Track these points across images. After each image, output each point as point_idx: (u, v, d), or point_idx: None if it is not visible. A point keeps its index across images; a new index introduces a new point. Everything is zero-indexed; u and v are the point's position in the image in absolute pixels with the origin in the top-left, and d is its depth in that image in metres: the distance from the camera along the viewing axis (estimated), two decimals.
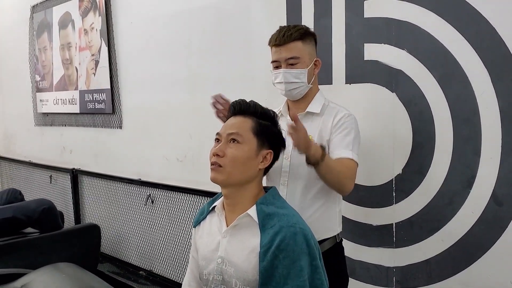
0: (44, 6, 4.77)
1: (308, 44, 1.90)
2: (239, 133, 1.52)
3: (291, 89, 1.89)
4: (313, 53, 1.92)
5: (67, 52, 4.48)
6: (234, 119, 1.57)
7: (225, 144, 1.52)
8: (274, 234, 1.43)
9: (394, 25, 2.14)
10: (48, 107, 4.85)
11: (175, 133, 3.39)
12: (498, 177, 1.89)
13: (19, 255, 3.23)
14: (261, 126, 1.55)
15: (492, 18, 1.87)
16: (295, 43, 1.85)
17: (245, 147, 1.51)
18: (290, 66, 1.86)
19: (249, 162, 1.52)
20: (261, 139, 1.54)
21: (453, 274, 2.04)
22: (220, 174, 1.51)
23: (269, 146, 1.56)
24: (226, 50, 2.95)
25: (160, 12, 3.41)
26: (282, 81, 1.88)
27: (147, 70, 3.58)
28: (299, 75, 1.87)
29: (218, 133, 1.56)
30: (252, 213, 1.50)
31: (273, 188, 1.61)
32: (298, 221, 1.48)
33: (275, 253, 1.41)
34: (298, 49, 1.86)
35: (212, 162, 1.51)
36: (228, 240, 1.53)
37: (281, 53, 1.87)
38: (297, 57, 1.86)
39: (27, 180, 5.25)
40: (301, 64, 1.86)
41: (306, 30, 1.90)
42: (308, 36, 1.89)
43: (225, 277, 1.51)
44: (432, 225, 2.08)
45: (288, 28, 1.88)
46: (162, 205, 3.55)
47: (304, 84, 1.88)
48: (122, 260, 4.04)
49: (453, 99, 1.99)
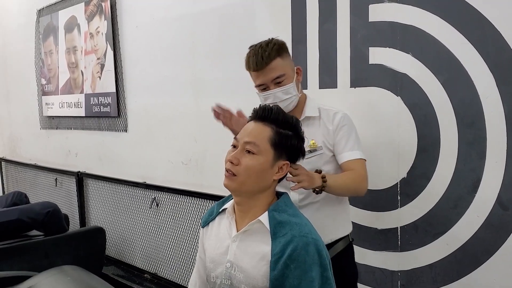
0: (50, 10, 4.80)
1: (286, 56, 1.90)
2: (256, 143, 1.47)
3: (286, 105, 1.89)
4: (292, 63, 1.93)
5: (72, 55, 4.50)
6: (254, 125, 1.51)
7: (241, 151, 1.48)
8: (286, 243, 1.41)
9: (399, 29, 2.14)
10: (54, 111, 4.88)
11: (180, 137, 3.40)
12: (503, 181, 1.89)
13: (24, 258, 3.23)
14: (280, 136, 1.49)
15: (497, 22, 1.87)
16: (275, 61, 1.85)
17: (260, 158, 1.46)
18: (278, 85, 1.86)
19: (264, 173, 1.48)
20: (279, 150, 1.49)
21: (458, 278, 2.04)
22: (233, 182, 1.48)
23: (286, 157, 1.52)
24: (231, 54, 2.96)
25: (165, 16, 3.42)
26: (275, 102, 1.86)
27: (152, 73, 3.60)
28: (289, 89, 1.88)
29: (236, 138, 1.53)
30: (263, 219, 1.48)
31: (285, 195, 1.58)
32: (310, 231, 1.46)
33: (286, 263, 1.39)
34: (280, 66, 1.86)
35: (227, 168, 1.49)
36: (238, 245, 1.51)
37: (265, 75, 1.86)
38: (282, 74, 1.86)
39: (33, 183, 5.27)
40: (288, 79, 1.87)
41: (279, 44, 1.89)
42: (283, 51, 1.89)
43: (234, 282, 1.49)
44: (437, 229, 2.08)
45: (261, 48, 1.86)
46: (167, 208, 3.55)
47: (296, 95, 1.91)
48: (127, 263, 4.05)
49: (458, 103, 1.99)
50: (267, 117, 1.50)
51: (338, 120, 1.90)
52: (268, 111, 1.51)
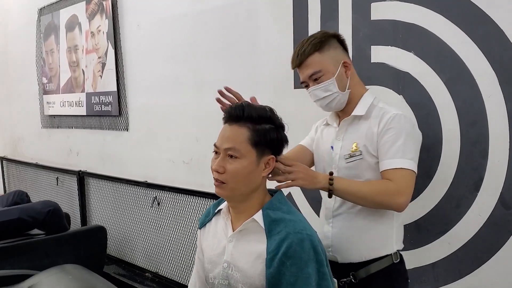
0: (51, 9, 4.80)
1: (327, 51, 1.76)
2: (236, 147, 1.44)
3: (327, 103, 1.77)
4: (338, 57, 1.77)
5: (74, 54, 4.50)
6: (230, 128, 1.48)
7: (224, 158, 1.46)
8: (281, 240, 1.41)
9: (401, 28, 2.13)
10: (55, 110, 4.88)
11: (181, 136, 3.40)
12: (505, 180, 1.88)
13: (25, 257, 3.24)
14: (259, 134, 1.46)
15: (500, 20, 1.86)
16: (312, 57, 1.74)
17: (244, 161, 1.45)
18: (315, 82, 1.75)
19: (251, 174, 1.47)
20: (260, 147, 1.46)
21: (460, 277, 2.03)
22: (224, 190, 1.48)
23: (270, 152, 1.50)
24: (233, 53, 2.96)
25: (166, 15, 3.42)
26: (315, 100, 1.78)
27: (153, 72, 3.60)
28: (327, 87, 1.74)
29: (215, 145, 1.50)
30: (258, 218, 1.48)
31: (278, 192, 1.57)
32: (305, 227, 1.45)
33: (282, 260, 1.39)
34: (317, 62, 1.74)
35: (215, 178, 1.49)
36: (234, 245, 1.52)
37: (303, 72, 1.77)
38: (318, 71, 1.73)
39: (34, 182, 5.27)
40: (326, 76, 1.74)
41: (321, 38, 1.77)
42: (324, 44, 1.76)
43: (231, 282, 1.50)
44: (439, 228, 2.07)
45: (301, 44, 1.77)
46: (168, 207, 3.55)
47: (338, 93, 1.75)
48: (128, 262, 4.05)
49: (461, 101, 1.98)
50: (241, 117, 1.46)
51: (385, 121, 1.71)
52: (240, 111, 1.47)
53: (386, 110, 1.74)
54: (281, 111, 1.56)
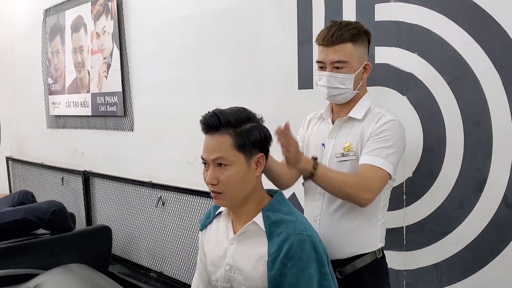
0: (56, 9, 4.82)
1: (360, 46, 1.72)
2: (223, 156, 1.43)
3: (334, 95, 1.74)
4: (364, 56, 1.76)
5: (79, 55, 4.51)
6: (211, 139, 1.46)
7: (214, 169, 1.45)
8: (282, 242, 1.42)
9: (405, 29, 2.14)
10: (60, 110, 4.90)
11: (186, 136, 3.40)
12: (509, 180, 1.89)
13: (31, 256, 3.25)
14: (242, 137, 1.44)
15: (504, 21, 1.86)
16: (345, 45, 1.68)
17: (235, 168, 1.44)
18: (335, 70, 1.70)
19: (245, 178, 1.46)
20: (247, 149, 1.45)
21: (463, 277, 2.03)
22: (223, 200, 1.49)
23: (258, 150, 1.49)
24: (237, 54, 2.96)
25: (171, 16, 3.43)
26: (325, 85, 1.73)
27: (158, 73, 3.61)
28: (344, 80, 1.71)
29: (202, 158, 1.48)
30: (258, 220, 1.48)
31: (278, 193, 1.57)
32: (305, 228, 1.46)
33: (283, 261, 1.40)
34: (347, 52, 1.69)
35: (211, 190, 1.49)
36: (235, 247, 1.52)
37: (327, 54, 1.70)
38: (344, 61, 1.69)
39: (39, 182, 5.29)
40: (348, 69, 1.70)
41: (360, 29, 1.72)
42: (360, 37, 1.72)
43: (234, 284, 1.51)
44: (442, 228, 2.08)
45: (339, 26, 1.69)
46: (172, 207, 3.56)
47: (349, 90, 1.73)
48: (133, 262, 4.06)
49: (464, 102, 1.99)
50: (218, 125, 1.44)
51: (380, 123, 1.71)
52: (215, 121, 1.44)
53: (382, 114, 1.75)
54: (285, 111, 1.56)
